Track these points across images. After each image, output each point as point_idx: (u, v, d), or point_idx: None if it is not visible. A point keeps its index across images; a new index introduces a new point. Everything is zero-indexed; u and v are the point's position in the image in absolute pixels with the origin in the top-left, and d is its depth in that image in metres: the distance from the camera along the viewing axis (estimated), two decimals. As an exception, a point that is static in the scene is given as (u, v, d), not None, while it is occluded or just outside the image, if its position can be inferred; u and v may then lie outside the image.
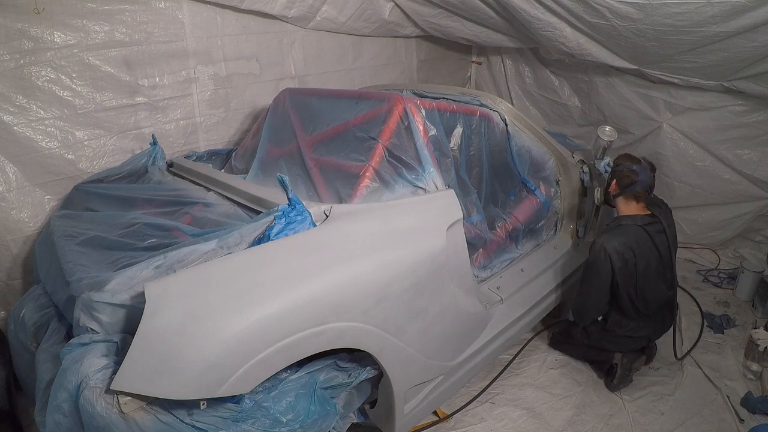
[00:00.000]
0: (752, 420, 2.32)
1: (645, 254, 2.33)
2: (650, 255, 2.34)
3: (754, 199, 3.41)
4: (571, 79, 4.16)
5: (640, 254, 2.32)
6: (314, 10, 3.35)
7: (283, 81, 3.43)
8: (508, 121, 2.54)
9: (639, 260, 2.31)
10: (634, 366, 2.50)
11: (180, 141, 3.02)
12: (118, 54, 2.67)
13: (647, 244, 2.34)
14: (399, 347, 1.79)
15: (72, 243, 1.91)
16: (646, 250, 2.33)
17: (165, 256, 1.55)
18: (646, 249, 2.33)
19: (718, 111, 3.32)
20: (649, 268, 2.34)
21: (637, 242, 2.32)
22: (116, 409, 1.31)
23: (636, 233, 2.35)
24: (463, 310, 2.07)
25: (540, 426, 2.33)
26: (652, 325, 2.47)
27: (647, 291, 2.35)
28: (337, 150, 2.14)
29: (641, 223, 2.37)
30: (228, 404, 1.48)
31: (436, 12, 3.74)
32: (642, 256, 2.32)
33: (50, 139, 2.53)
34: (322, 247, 1.65)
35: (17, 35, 2.36)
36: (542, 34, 3.28)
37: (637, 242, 2.33)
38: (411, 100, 2.12)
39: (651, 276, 2.34)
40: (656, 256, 2.35)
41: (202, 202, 2.07)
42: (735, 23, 2.46)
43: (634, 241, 2.32)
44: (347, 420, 1.85)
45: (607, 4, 2.67)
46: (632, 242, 2.32)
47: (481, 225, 2.34)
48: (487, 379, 2.58)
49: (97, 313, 1.45)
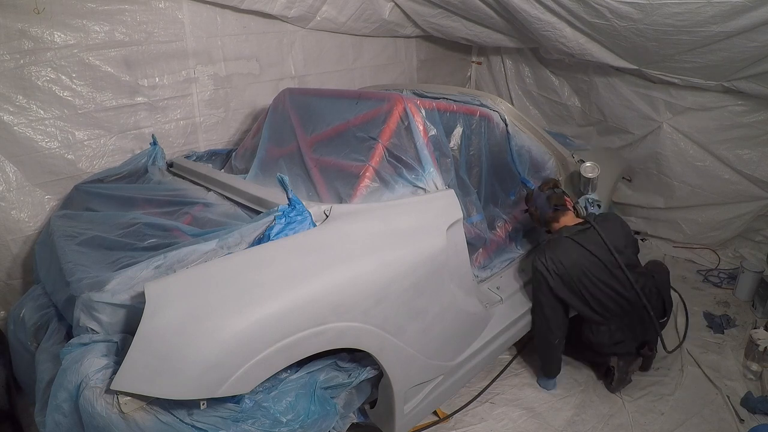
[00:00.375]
0: (752, 420, 2.32)
1: (578, 262, 2.28)
2: (584, 261, 2.29)
3: (754, 199, 3.41)
4: (571, 79, 4.16)
5: (571, 264, 2.27)
6: (314, 10, 3.35)
7: (283, 81, 3.43)
8: (508, 121, 2.54)
9: (572, 270, 2.27)
10: (630, 369, 2.49)
11: (179, 141, 3.02)
12: (118, 54, 2.67)
13: (577, 251, 2.30)
14: (399, 347, 1.79)
15: (72, 243, 1.91)
16: (578, 258, 2.29)
17: (165, 256, 1.55)
18: (578, 257, 2.29)
19: (718, 111, 3.32)
20: (590, 274, 2.28)
21: (565, 253, 2.29)
22: (116, 409, 1.31)
23: (563, 245, 2.32)
24: (463, 310, 2.07)
25: (540, 426, 2.33)
26: (630, 325, 2.41)
27: (599, 294, 2.30)
28: (337, 150, 2.14)
29: (568, 234, 2.35)
30: (228, 404, 1.48)
31: (436, 12, 3.74)
32: (574, 266, 2.27)
33: (50, 139, 2.53)
34: (322, 247, 1.65)
35: (17, 35, 2.36)
36: (542, 34, 3.28)
37: (565, 253, 2.29)
38: (411, 100, 2.12)
39: (595, 281, 2.28)
40: (594, 260, 2.30)
41: (202, 202, 2.07)
42: (735, 23, 2.46)
43: (561, 253, 2.29)
44: (347, 420, 1.85)
45: (607, 4, 2.67)
46: (560, 254, 2.29)
47: (481, 225, 2.34)
48: (487, 379, 2.58)
49: (97, 313, 1.45)
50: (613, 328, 2.38)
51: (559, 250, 2.31)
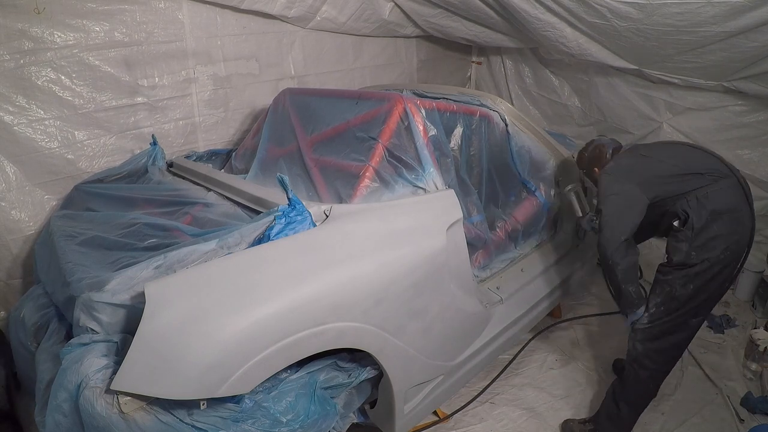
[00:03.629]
0: (752, 420, 2.32)
1: (654, 154, 2.15)
2: (659, 154, 2.14)
3: (754, 199, 3.40)
4: (571, 79, 4.16)
5: (651, 153, 2.15)
6: (314, 10, 3.35)
7: (283, 81, 3.43)
8: (508, 122, 2.54)
9: (650, 156, 2.13)
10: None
11: (179, 141, 3.02)
12: (118, 54, 2.67)
13: (645, 147, 2.24)
14: (399, 347, 1.79)
15: (72, 243, 1.91)
16: (653, 148, 2.19)
17: (165, 256, 1.55)
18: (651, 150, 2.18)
19: (718, 111, 3.32)
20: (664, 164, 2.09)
21: (637, 149, 2.21)
22: (116, 409, 1.31)
23: (632, 146, 2.27)
24: (463, 310, 2.07)
25: (540, 426, 2.33)
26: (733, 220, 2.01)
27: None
28: (337, 150, 2.14)
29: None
30: (228, 404, 1.48)
31: (436, 12, 3.74)
32: (654, 155, 2.14)
33: (50, 139, 2.53)
34: (322, 247, 1.64)
35: (17, 35, 2.36)
36: (542, 34, 3.28)
37: (637, 149, 2.22)
38: (411, 100, 2.12)
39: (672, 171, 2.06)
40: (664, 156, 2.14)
41: (202, 202, 2.07)
42: (735, 23, 2.46)
43: (636, 150, 2.21)
44: (347, 420, 1.85)
45: (607, 4, 2.67)
46: (635, 151, 2.20)
47: (482, 225, 2.34)
48: (487, 379, 2.58)
49: (97, 313, 1.45)
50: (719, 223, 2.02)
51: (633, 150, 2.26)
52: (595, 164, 2.35)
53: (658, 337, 2.05)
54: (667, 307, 2.02)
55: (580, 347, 2.87)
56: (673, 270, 2.00)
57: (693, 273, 1.96)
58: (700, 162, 2.09)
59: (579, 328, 3.04)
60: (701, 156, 2.14)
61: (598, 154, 2.35)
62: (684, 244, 1.98)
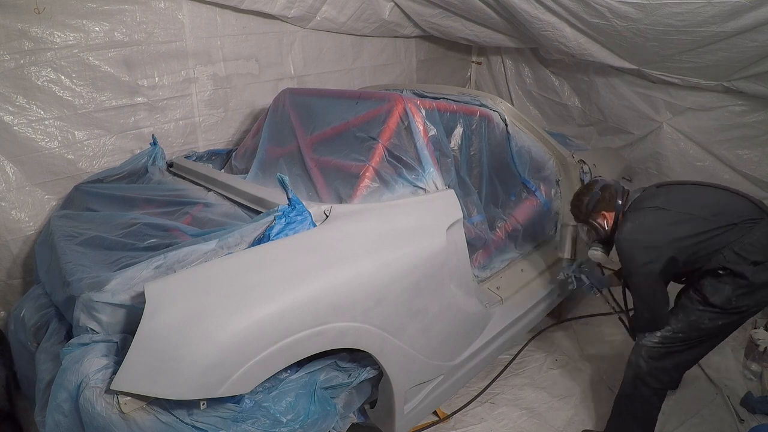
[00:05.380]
0: (752, 420, 2.32)
1: (676, 206, 1.96)
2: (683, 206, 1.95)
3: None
4: (571, 79, 4.16)
5: (672, 206, 1.96)
6: (314, 10, 3.35)
7: (283, 81, 3.43)
8: (508, 122, 2.54)
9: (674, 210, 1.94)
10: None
11: (179, 141, 3.02)
12: (118, 54, 2.67)
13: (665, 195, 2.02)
14: (399, 347, 1.79)
15: (72, 243, 1.91)
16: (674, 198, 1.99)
17: (165, 256, 1.55)
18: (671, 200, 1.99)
19: (718, 111, 3.32)
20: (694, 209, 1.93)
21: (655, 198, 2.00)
22: (116, 409, 1.31)
23: (648, 194, 2.05)
24: (463, 310, 2.07)
25: (540, 426, 2.33)
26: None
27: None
28: (337, 150, 2.14)
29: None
30: (228, 404, 1.48)
31: (436, 12, 3.74)
32: (676, 207, 1.95)
33: (50, 139, 2.53)
34: (322, 247, 1.65)
35: (17, 35, 2.36)
36: (542, 34, 3.28)
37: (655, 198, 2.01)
38: (411, 100, 2.12)
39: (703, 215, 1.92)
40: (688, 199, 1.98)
41: (202, 202, 2.07)
42: (735, 23, 2.46)
43: (655, 201, 2.00)
44: (347, 420, 1.85)
45: (607, 4, 2.67)
46: (653, 201, 1.99)
47: (482, 225, 2.34)
48: (487, 379, 2.58)
49: (97, 313, 1.45)
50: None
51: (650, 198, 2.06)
52: (604, 208, 2.12)
53: (665, 357, 1.99)
54: (687, 335, 1.96)
55: (580, 347, 2.87)
56: (707, 305, 1.92)
57: (727, 314, 1.91)
58: (732, 210, 1.94)
59: (579, 328, 3.04)
60: (731, 201, 2.00)
61: (609, 197, 2.11)
62: (728, 287, 1.89)
